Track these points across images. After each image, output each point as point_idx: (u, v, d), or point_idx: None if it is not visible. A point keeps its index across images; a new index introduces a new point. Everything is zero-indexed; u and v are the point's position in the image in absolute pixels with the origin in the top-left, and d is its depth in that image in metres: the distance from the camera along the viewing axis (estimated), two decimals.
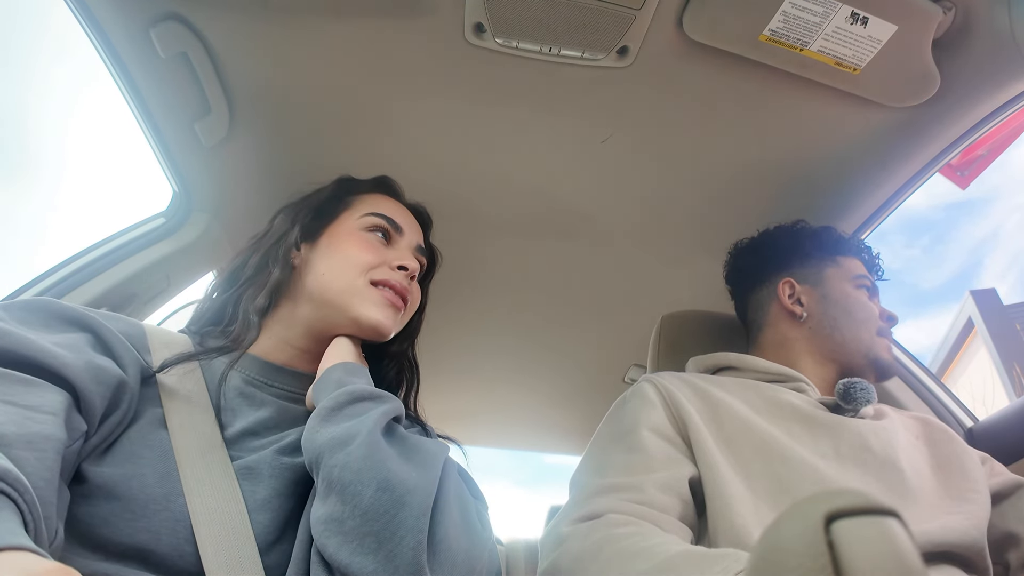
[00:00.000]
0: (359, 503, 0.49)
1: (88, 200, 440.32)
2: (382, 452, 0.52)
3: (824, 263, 0.97)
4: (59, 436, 0.44)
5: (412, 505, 0.49)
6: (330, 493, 0.51)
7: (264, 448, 0.60)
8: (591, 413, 1.55)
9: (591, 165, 1.11)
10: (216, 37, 0.87)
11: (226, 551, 0.50)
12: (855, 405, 0.81)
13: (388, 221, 0.77)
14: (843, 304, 0.92)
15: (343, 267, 0.70)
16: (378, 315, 0.69)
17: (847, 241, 1.01)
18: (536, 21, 0.83)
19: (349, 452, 0.51)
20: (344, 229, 0.75)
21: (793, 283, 0.97)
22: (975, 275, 66.23)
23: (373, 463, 0.51)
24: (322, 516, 0.50)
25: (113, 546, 0.48)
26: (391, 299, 0.70)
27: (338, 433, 0.53)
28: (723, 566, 0.48)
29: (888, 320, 0.94)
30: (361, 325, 0.68)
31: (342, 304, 0.68)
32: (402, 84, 0.95)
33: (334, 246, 0.73)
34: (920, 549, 0.29)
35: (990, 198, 58.67)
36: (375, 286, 0.70)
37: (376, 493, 0.49)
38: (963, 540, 0.67)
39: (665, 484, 0.70)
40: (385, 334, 0.70)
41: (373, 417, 0.55)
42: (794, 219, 1.06)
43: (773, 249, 1.03)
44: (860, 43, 0.84)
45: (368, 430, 0.53)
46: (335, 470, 0.51)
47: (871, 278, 0.98)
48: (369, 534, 0.48)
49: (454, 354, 1.63)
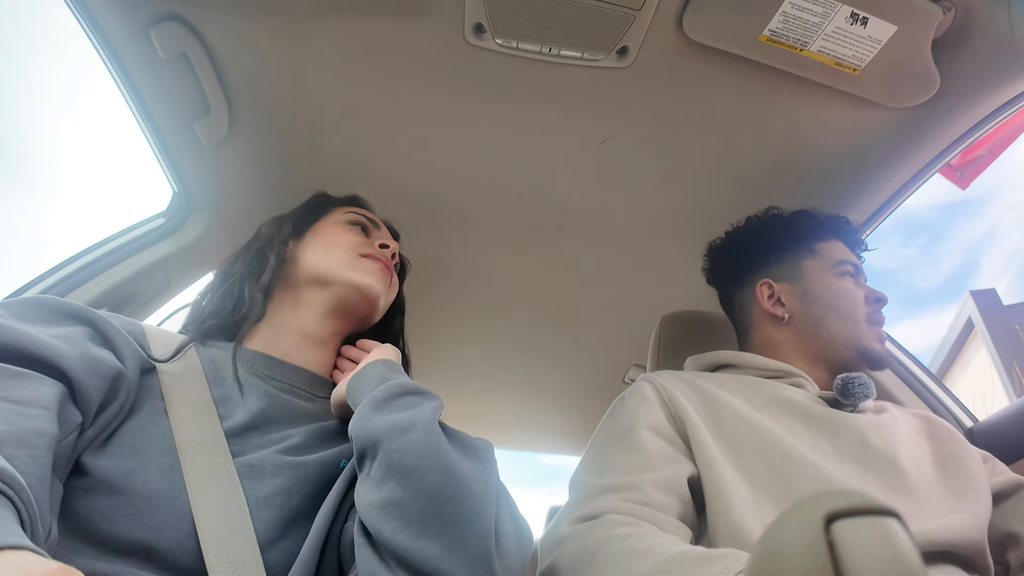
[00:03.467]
0: (423, 487, 0.49)
1: (88, 201, 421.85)
2: (443, 442, 0.53)
3: (801, 255, 0.94)
4: (51, 431, 0.44)
5: (477, 493, 0.50)
6: (388, 478, 0.51)
7: (266, 447, 0.60)
8: (591, 413, 1.55)
9: (591, 165, 1.11)
10: (216, 38, 0.87)
11: (227, 548, 0.50)
12: (854, 400, 0.81)
13: (366, 218, 0.86)
14: (826, 299, 0.90)
15: (333, 248, 0.78)
16: (371, 279, 0.76)
17: (823, 224, 0.97)
18: (536, 21, 0.83)
19: (411, 438, 0.52)
20: (328, 223, 0.83)
21: (771, 283, 0.95)
22: (972, 275, 66.38)
23: (437, 451, 0.52)
24: (376, 501, 0.51)
25: (114, 541, 0.47)
26: (380, 267, 0.79)
27: (396, 420, 0.55)
28: (723, 566, 0.48)
29: (876, 302, 0.90)
30: (358, 287, 0.75)
31: (338, 274, 0.75)
32: (402, 84, 0.95)
33: (320, 236, 0.81)
34: (920, 548, 0.29)
35: (986, 198, 58.81)
36: (364, 258, 0.78)
37: (441, 478, 0.50)
38: (964, 540, 0.67)
39: (664, 483, 0.70)
40: (377, 297, 0.77)
41: (428, 409, 0.57)
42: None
43: (747, 248, 1.00)
44: (860, 43, 0.84)
45: (427, 419, 0.55)
46: (396, 455, 0.52)
47: (854, 260, 0.94)
48: (434, 518, 0.48)
49: (452, 354, 1.63)
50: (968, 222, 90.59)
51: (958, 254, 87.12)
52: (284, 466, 0.58)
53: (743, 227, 1.04)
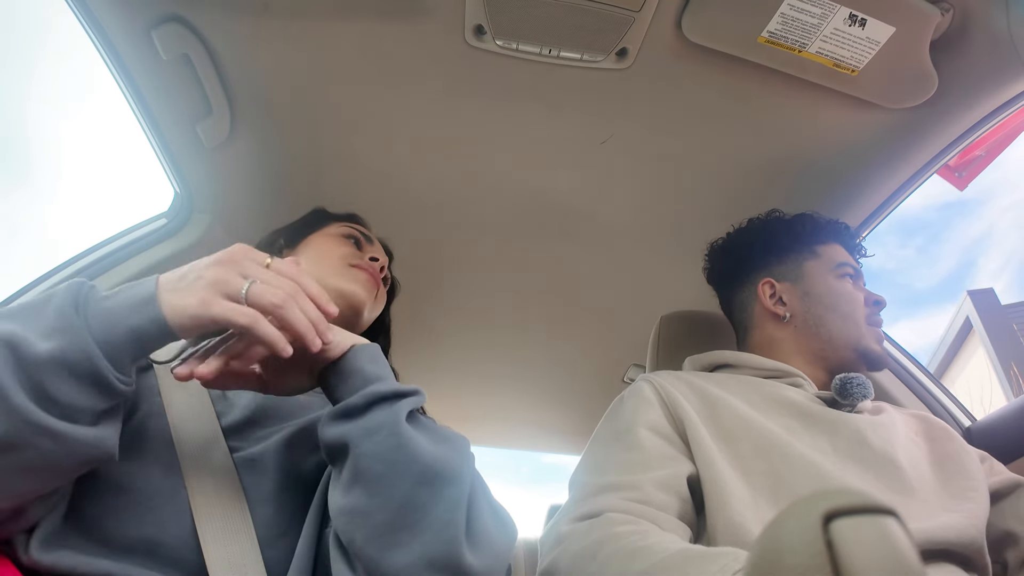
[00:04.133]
0: (392, 496, 0.47)
1: (90, 202, 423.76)
2: (413, 444, 0.50)
3: (803, 256, 0.95)
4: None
5: (449, 498, 0.48)
6: (355, 483, 0.49)
7: (268, 438, 0.60)
8: (590, 413, 1.55)
9: (591, 166, 1.11)
10: (217, 39, 0.87)
11: (226, 545, 0.50)
12: (852, 400, 0.81)
13: (361, 233, 0.88)
14: (827, 299, 0.90)
15: (323, 257, 0.81)
16: (356, 286, 0.78)
17: (823, 227, 0.98)
18: (536, 23, 0.83)
19: (379, 442, 0.50)
20: (322, 235, 0.86)
21: (773, 283, 0.96)
22: (968, 275, 66.19)
23: (407, 455, 0.49)
24: (345, 507, 0.49)
25: (120, 540, 0.48)
26: (367, 277, 0.80)
27: (365, 423, 0.51)
28: (721, 565, 0.48)
29: (875, 305, 0.91)
30: (343, 293, 0.76)
31: (325, 281, 0.75)
32: (403, 86, 0.96)
33: (313, 247, 0.84)
34: (919, 547, 0.29)
35: (983, 198, 58.66)
36: (353, 268, 0.80)
37: (412, 487, 0.48)
38: (962, 539, 0.67)
39: (663, 482, 0.70)
40: (362, 306, 0.78)
41: (401, 406, 0.53)
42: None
43: (749, 248, 1.01)
44: (858, 44, 0.84)
45: (396, 421, 0.51)
46: (364, 459, 0.49)
47: (854, 263, 0.95)
48: (403, 527, 0.46)
49: (453, 354, 1.63)
50: (965, 222, 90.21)
51: (955, 254, 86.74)
52: (285, 461, 0.58)
53: (745, 228, 1.04)
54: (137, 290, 0.46)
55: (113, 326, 0.43)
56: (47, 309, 0.43)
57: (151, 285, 0.46)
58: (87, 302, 0.44)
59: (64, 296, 0.44)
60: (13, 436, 0.39)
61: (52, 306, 0.43)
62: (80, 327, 0.42)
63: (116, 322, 0.44)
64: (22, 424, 0.39)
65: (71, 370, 0.41)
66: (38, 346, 0.41)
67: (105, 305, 0.44)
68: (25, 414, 0.39)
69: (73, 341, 0.41)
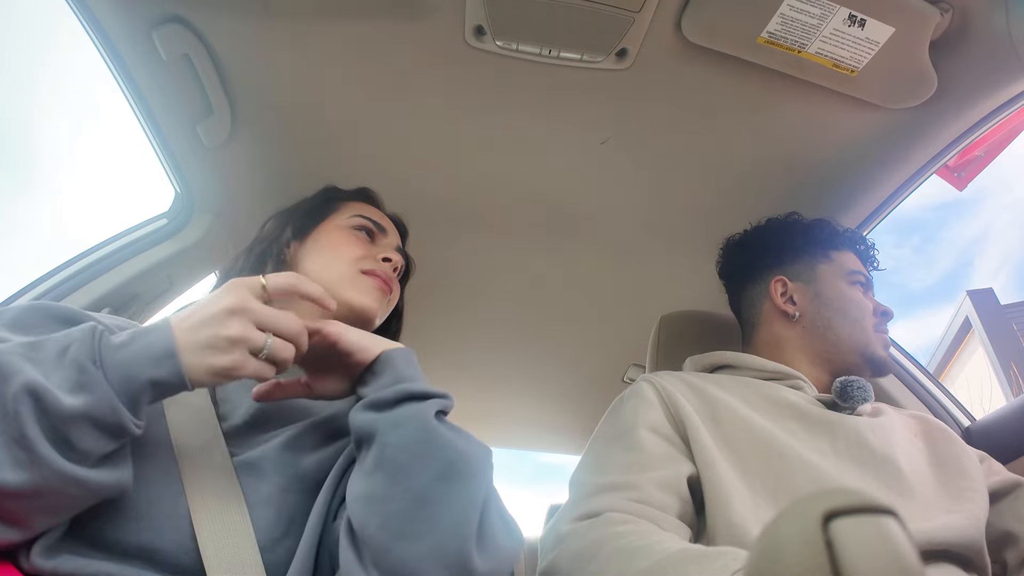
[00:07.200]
0: (412, 486, 0.48)
1: (91, 201, 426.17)
2: (440, 441, 0.52)
3: (817, 259, 0.96)
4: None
5: (467, 499, 0.49)
6: (378, 469, 0.50)
7: (267, 442, 0.60)
8: (590, 412, 1.55)
9: (591, 166, 1.11)
10: (218, 39, 0.87)
11: (225, 550, 0.50)
12: (852, 403, 0.81)
13: (372, 222, 0.83)
14: (837, 303, 0.91)
15: (334, 259, 0.77)
16: (368, 300, 0.74)
17: (840, 235, 0.99)
18: (536, 24, 0.83)
19: (405, 434, 0.51)
20: (332, 227, 0.81)
21: (785, 281, 0.96)
22: (965, 275, 66.09)
23: (432, 449, 0.51)
24: (363, 492, 0.50)
25: (120, 546, 0.48)
26: (379, 285, 0.76)
27: (396, 415, 0.54)
28: (721, 564, 0.49)
29: (883, 316, 0.93)
30: (353, 308, 0.73)
31: (336, 292, 0.72)
32: (403, 86, 0.96)
33: (323, 242, 0.79)
34: (918, 548, 0.29)
35: (980, 198, 58.60)
36: (364, 275, 0.76)
37: (432, 481, 0.49)
38: (961, 539, 0.68)
39: (663, 483, 0.71)
40: (373, 317, 0.76)
41: (430, 406, 0.55)
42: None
43: (765, 245, 1.02)
44: (858, 45, 0.84)
45: (426, 416, 0.54)
46: (389, 449, 0.51)
47: (866, 273, 0.96)
48: (419, 520, 0.47)
49: (453, 354, 1.63)
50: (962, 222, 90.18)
51: (952, 254, 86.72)
52: (284, 464, 0.58)
53: (763, 226, 1.05)
54: (152, 339, 0.47)
55: (131, 379, 0.45)
56: (66, 360, 0.44)
57: (167, 336, 0.47)
58: (102, 352, 0.45)
59: (81, 347, 0.45)
60: (41, 485, 0.41)
61: (70, 357, 0.44)
62: (103, 383, 0.44)
63: (134, 375, 0.45)
64: (50, 473, 0.41)
65: (96, 423, 0.43)
66: (64, 401, 0.42)
67: (122, 356, 0.45)
68: (52, 464, 0.41)
69: (100, 398, 0.43)
